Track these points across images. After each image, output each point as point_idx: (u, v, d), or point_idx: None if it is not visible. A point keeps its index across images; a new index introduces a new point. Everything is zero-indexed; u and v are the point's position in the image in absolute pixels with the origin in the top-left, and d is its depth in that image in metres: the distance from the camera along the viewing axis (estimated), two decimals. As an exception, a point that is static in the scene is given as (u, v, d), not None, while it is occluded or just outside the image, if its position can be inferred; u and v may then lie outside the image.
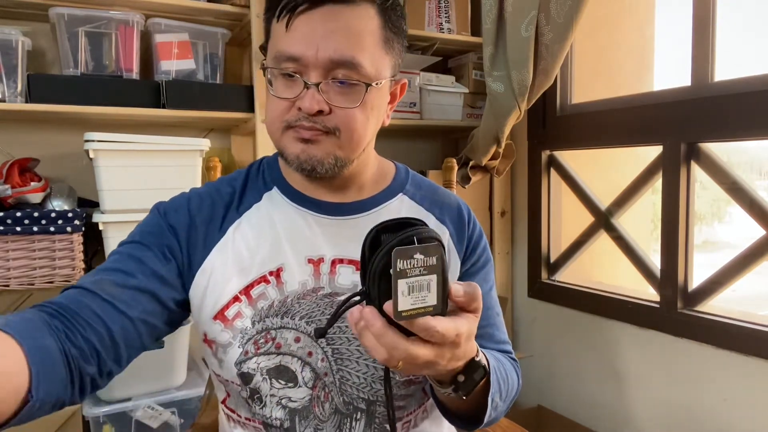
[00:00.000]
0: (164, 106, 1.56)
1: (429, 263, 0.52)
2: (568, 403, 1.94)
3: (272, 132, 0.77)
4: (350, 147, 0.75)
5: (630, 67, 2.01)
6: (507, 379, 0.78)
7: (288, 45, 0.71)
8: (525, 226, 2.06)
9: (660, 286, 1.63)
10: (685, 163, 1.56)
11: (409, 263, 0.51)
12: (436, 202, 0.87)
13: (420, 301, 0.53)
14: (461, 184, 1.93)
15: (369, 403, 0.80)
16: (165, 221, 0.80)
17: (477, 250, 0.87)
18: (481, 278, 0.87)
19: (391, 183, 0.87)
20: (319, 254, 0.80)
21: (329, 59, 0.70)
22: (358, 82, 0.72)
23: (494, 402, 0.72)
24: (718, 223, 2.60)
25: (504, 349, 0.87)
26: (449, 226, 0.85)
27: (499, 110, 1.77)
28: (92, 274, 0.75)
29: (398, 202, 0.85)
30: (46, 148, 1.64)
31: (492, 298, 0.88)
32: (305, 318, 0.78)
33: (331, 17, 0.71)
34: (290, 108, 0.73)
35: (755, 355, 1.39)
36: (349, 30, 0.71)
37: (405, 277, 0.51)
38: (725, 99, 1.45)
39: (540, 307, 2.02)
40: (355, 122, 0.74)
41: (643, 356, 1.68)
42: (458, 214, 0.87)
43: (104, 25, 1.51)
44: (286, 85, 0.73)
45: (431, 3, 1.96)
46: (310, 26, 0.71)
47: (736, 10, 1.63)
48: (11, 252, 1.36)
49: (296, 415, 0.79)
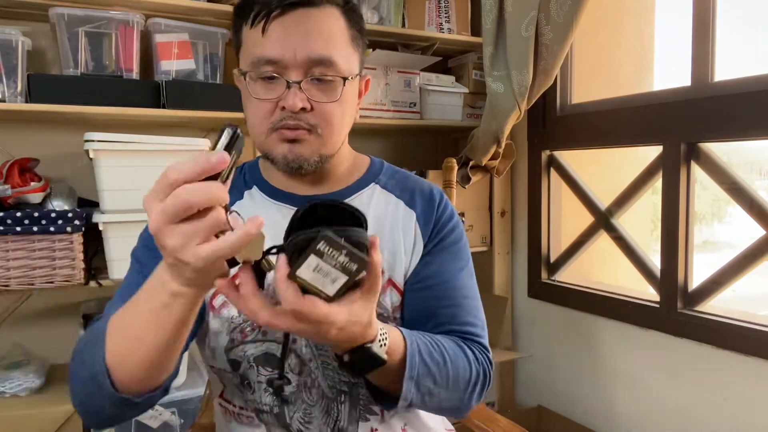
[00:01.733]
0: (164, 106, 1.56)
1: (348, 267, 0.54)
2: (568, 403, 1.94)
3: (257, 135, 0.80)
4: (332, 142, 0.80)
5: (630, 67, 2.01)
6: (445, 363, 0.76)
7: (266, 49, 0.75)
8: (525, 226, 2.06)
9: (660, 286, 1.63)
10: (685, 163, 1.56)
11: (331, 252, 0.53)
12: (407, 188, 0.90)
13: (320, 283, 0.55)
14: (461, 184, 1.93)
15: (351, 385, 0.83)
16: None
17: (444, 230, 0.88)
18: (449, 257, 0.87)
19: (364, 174, 0.90)
20: None
21: (307, 59, 0.75)
22: (334, 78, 0.77)
23: (423, 386, 0.72)
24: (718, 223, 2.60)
25: (467, 330, 0.85)
26: (417, 209, 0.88)
27: (499, 110, 1.77)
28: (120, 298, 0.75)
29: (370, 191, 0.88)
30: (46, 148, 1.64)
31: (460, 280, 0.87)
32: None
33: (303, 20, 0.75)
34: (273, 110, 0.77)
35: (755, 355, 1.39)
36: (322, 31, 0.76)
37: (320, 257, 0.53)
38: (725, 99, 1.45)
39: (540, 307, 2.02)
40: (334, 117, 0.78)
41: (643, 356, 1.68)
42: (429, 197, 0.89)
43: (104, 25, 1.51)
44: (267, 87, 0.77)
45: (431, 3, 1.96)
46: (285, 30, 0.75)
47: (736, 10, 1.63)
48: (11, 252, 1.36)
49: (285, 400, 0.82)
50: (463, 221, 2.01)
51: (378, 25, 1.86)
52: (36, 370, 1.49)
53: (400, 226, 0.86)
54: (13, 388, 1.44)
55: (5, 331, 1.64)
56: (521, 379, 2.13)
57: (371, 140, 2.17)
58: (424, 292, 0.84)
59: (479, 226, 2.06)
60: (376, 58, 1.83)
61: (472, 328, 0.86)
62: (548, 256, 2.01)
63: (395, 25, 1.90)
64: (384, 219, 0.86)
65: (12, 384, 1.44)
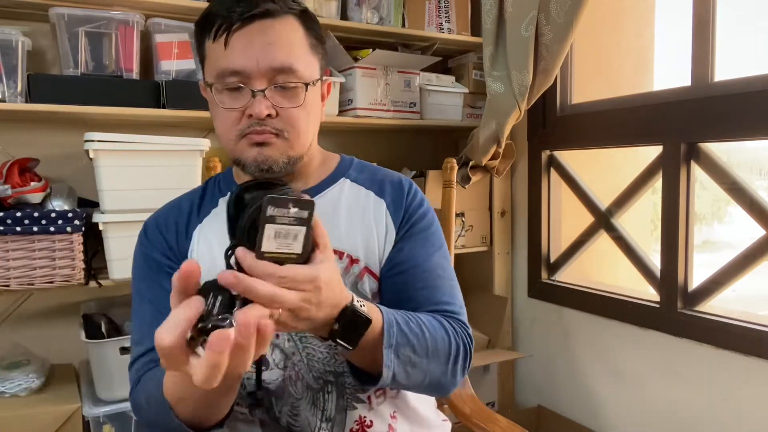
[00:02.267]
0: (164, 106, 1.56)
1: (301, 216, 0.57)
2: (568, 403, 1.94)
3: (226, 143, 0.83)
4: (299, 144, 0.83)
5: (630, 67, 2.01)
6: (423, 333, 0.79)
7: (230, 61, 0.79)
8: (525, 226, 2.06)
9: (660, 286, 1.63)
10: (685, 163, 1.56)
11: (281, 212, 0.56)
12: (376, 180, 0.94)
13: (285, 247, 0.57)
14: (461, 184, 1.94)
15: (337, 375, 0.85)
16: (155, 249, 0.89)
17: (414, 216, 0.91)
18: (421, 242, 0.90)
19: (333, 171, 0.94)
20: None
21: (270, 68, 0.79)
22: (297, 84, 0.81)
23: (403, 355, 0.75)
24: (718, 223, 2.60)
25: (443, 309, 0.87)
26: (386, 198, 0.92)
27: (499, 110, 1.77)
28: (147, 339, 0.83)
29: (340, 186, 0.92)
30: (46, 148, 1.64)
31: (433, 262, 0.90)
32: None
33: (263, 31, 0.79)
34: (240, 118, 0.81)
35: (755, 355, 1.39)
36: (282, 40, 0.80)
37: (273, 222, 0.56)
38: (725, 99, 1.45)
39: (540, 307, 2.02)
40: (299, 121, 0.82)
41: (643, 356, 1.68)
42: (398, 187, 0.93)
43: (104, 25, 1.51)
44: (233, 97, 0.81)
45: (431, 3, 1.96)
46: (247, 41, 0.79)
47: (736, 9, 1.63)
48: (11, 252, 1.36)
49: (272, 395, 0.85)
50: (463, 221, 2.01)
51: (378, 25, 1.86)
52: (36, 370, 1.49)
53: (372, 216, 0.90)
54: (13, 388, 1.44)
55: (5, 331, 1.64)
56: (521, 379, 2.13)
57: (371, 140, 2.17)
58: (399, 278, 0.87)
59: (479, 226, 2.06)
60: (376, 58, 1.84)
61: (448, 306, 0.88)
62: (548, 256, 2.01)
63: (395, 25, 1.90)
64: (356, 210, 0.90)
65: (12, 384, 1.44)
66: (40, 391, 1.47)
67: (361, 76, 1.82)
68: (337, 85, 1.81)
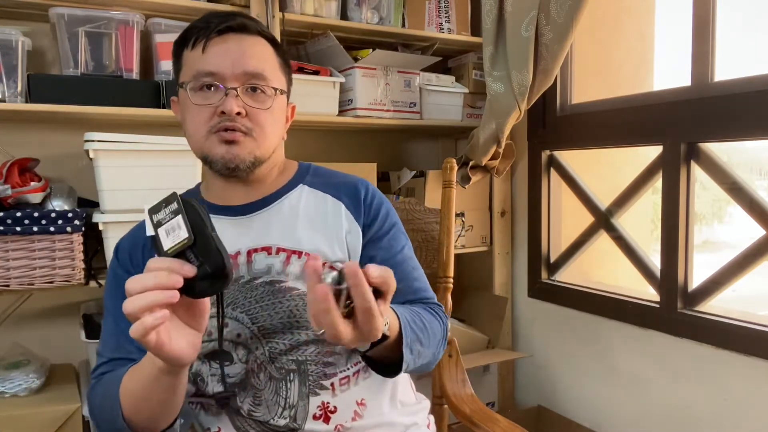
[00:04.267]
0: (164, 106, 1.56)
1: (172, 208, 0.67)
2: (568, 403, 1.94)
3: (196, 140, 0.89)
4: (264, 146, 0.90)
5: (630, 67, 2.01)
6: (425, 326, 0.88)
7: (206, 64, 0.86)
8: (525, 226, 2.06)
9: (660, 286, 1.63)
10: (685, 163, 1.56)
11: (160, 215, 0.67)
12: (332, 184, 0.99)
13: (177, 238, 0.66)
14: (461, 184, 1.94)
15: (299, 363, 0.90)
16: (123, 269, 0.93)
17: (378, 218, 0.98)
18: (389, 242, 0.98)
19: (292, 177, 0.99)
20: (236, 249, 0.92)
21: (243, 72, 0.87)
22: (266, 88, 0.88)
23: (414, 350, 0.83)
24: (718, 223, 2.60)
25: (422, 297, 0.98)
26: (344, 200, 0.97)
27: (499, 110, 1.77)
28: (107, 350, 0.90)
29: (298, 192, 0.98)
30: (46, 148, 1.64)
31: (405, 255, 0.99)
32: (230, 305, 0.90)
33: (239, 41, 0.88)
34: (212, 116, 0.87)
35: (755, 355, 1.39)
36: (255, 52, 0.89)
37: (161, 225, 0.67)
38: (725, 99, 1.45)
39: (540, 307, 2.02)
40: (266, 123, 0.89)
41: (643, 356, 1.68)
42: (354, 189, 0.99)
43: (104, 25, 1.51)
44: (205, 96, 0.87)
45: (431, 3, 1.96)
46: (224, 47, 0.87)
47: (736, 9, 1.63)
48: (11, 252, 1.36)
49: (235, 388, 0.90)
50: (463, 221, 2.01)
51: (378, 25, 1.86)
52: (36, 370, 1.49)
53: (331, 216, 0.96)
54: (13, 388, 1.44)
55: (5, 331, 1.64)
56: (521, 379, 2.13)
57: (371, 140, 2.17)
58: None
59: (479, 226, 2.06)
60: (376, 58, 1.84)
61: (425, 293, 0.99)
62: (548, 256, 2.01)
63: (395, 25, 1.90)
64: (315, 213, 0.96)
65: (12, 384, 1.44)
66: (40, 391, 1.47)
67: (361, 76, 1.82)
68: (337, 85, 1.81)
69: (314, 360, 0.90)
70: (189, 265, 0.66)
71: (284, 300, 0.90)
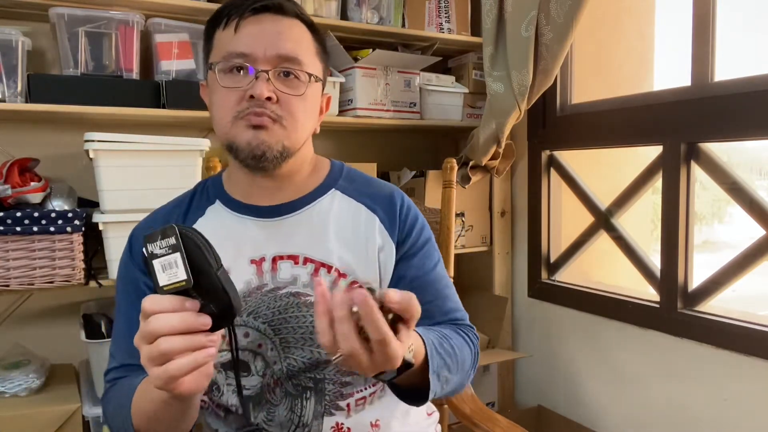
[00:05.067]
0: (164, 106, 1.56)
1: (170, 243, 0.60)
2: (568, 403, 1.94)
3: (222, 126, 0.82)
4: (295, 137, 0.83)
5: (630, 67, 2.01)
6: (454, 351, 0.82)
7: (238, 45, 0.80)
8: (525, 226, 2.06)
9: (660, 286, 1.63)
10: (685, 163, 1.56)
11: (155, 246, 0.60)
12: (367, 193, 0.92)
13: (174, 276, 0.60)
14: (461, 184, 1.94)
15: (317, 381, 0.86)
16: (135, 265, 0.88)
17: (413, 232, 0.92)
18: (422, 259, 0.92)
19: (324, 180, 0.92)
20: (260, 254, 0.86)
21: (276, 55, 0.80)
22: (300, 74, 0.81)
23: (442, 377, 0.78)
24: (718, 223, 2.60)
25: (453, 317, 0.92)
26: (379, 213, 0.90)
27: (499, 110, 1.77)
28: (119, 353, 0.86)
29: (330, 198, 0.91)
30: (46, 148, 1.64)
31: (437, 273, 0.93)
32: (252, 314, 0.85)
33: (274, 23, 0.81)
34: (240, 99, 0.80)
35: (755, 355, 1.39)
36: (291, 33, 0.82)
37: (156, 258, 0.60)
38: (725, 99, 1.45)
39: (540, 307, 2.02)
40: (298, 111, 0.82)
41: (643, 356, 1.68)
42: (390, 202, 0.92)
43: (104, 25, 1.51)
44: (235, 79, 0.80)
45: (431, 3, 1.96)
46: (257, 28, 0.80)
47: (736, 9, 1.63)
48: (11, 252, 1.36)
49: (250, 401, 0.86)
50: (463, 221, 2.01)
51: (378, 25, 1.86)
52: (36, 370, 1.49)
53: (363, 230, 0.89)
54: (13, 388, 1.44)
55: (5, 331, 1.64)
56: (521, 379, 2.13)
57: (371, 140, 2.17)
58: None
59: (479, 226, 2.06)
60: (376, 58, 1.84)
61: (457, 313, 0.93)
62: (548, 256, 2.01)
63: (395, 25, 1.90)
64: (347, 224, 0.89)
65: (12, 384, 1.44)
66: (40, 391, 1.47)
67: (361, 76, 1.82)
68: (337, 85, 1.81)
69: (332, 379, 0.86)
70: (192, 302, 0.61)
71: (308, 315, 0.85)
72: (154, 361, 0.60)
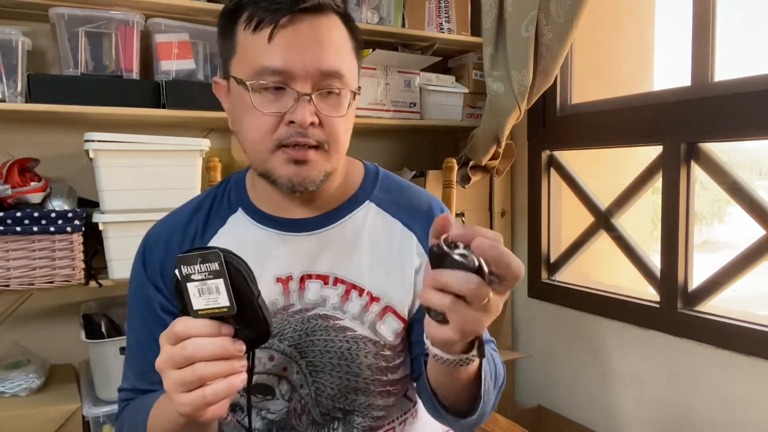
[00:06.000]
0: (164, 106, 1.56)
1: (212, 268, 0.57)
2: (568, 403, 1.94)
3: (259, 152, 0.73)
4: (336, 158, 0.76)
5: (630, 67, 2.01)
6: (495, 365, 0.78)
7: (273, 59, 0.69)
8: (525, 226, 2.06)
9: (660, 286, 1.63)
10: (685, 163, 1.56)
11: (193, 269, 0.57)
12: (404, 206, 0.85)
13: (213, 302, 0.57)
14: (461, 184, 1.94)
15: (345, 412, 0.81)
16: (149, 280, 0.82)
17: None
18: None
19: (357, 190, 0.84)
20: (287, 272, 0.79)
21: (317, 71, 0.70)
22: (342, 91, 0.73)
23: (487, 384, 0.71)
24: (718, 223, 2.60)
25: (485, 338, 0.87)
26: (417, 230, 0.82)
27: (499, 110, 1.77)
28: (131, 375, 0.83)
29: (364, 212, 0.83)
30: (46, 148, 1.64)
31: None
32: (278, 336, 0.79)
33: (312, 28, 0.70)
34: (278, 124, 0.71)
35: (755, 355, 1.39)
36: (331, 41, 0.72)
37: (191, 281, 0.57)
38: (725, 99, 1.45)
39: (540, 307, 2.02)
40: (340, 131, 0.74)
41: (643, 356, 1.68)
42: (427, 216, 0.84)
43: (104, 25, 1.51)
44: (271, 100, 0.71)
45: (431, 3, 1.96)
46: (294, 38, 0.70)
47: (736, 9, 1.63)
48: (11, 252, 1.36)
49: (274, 426, 0.81)
50: (463, 221, 2.01)
51: (378, 25, 1.86)
52: (36, 370, 1.49)
53: (398, 251, 0.81)
54: (13, 388, 1.44)
55: (5, 331, 1.64)
56: (521, 379, 2.13)
57: (371, 140, 2.17)
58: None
59: (479, 226, 2.06)
60: (376, 58, 1.83)
61: (485, 335, 0.85)
62: (548, 256, 2.01)
63: (395, 25, 1.90)
64: (381, 242, 0.82)
65: (12, 384, 1.44)
66: (40, 391, 1.47)
67: (361, 76, 1.82)
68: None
69: (362, 412, 0.80)
70: (227, 327, 0.58)
71: (337, 340, 0.79)
72: (188, 386, 0.57)
